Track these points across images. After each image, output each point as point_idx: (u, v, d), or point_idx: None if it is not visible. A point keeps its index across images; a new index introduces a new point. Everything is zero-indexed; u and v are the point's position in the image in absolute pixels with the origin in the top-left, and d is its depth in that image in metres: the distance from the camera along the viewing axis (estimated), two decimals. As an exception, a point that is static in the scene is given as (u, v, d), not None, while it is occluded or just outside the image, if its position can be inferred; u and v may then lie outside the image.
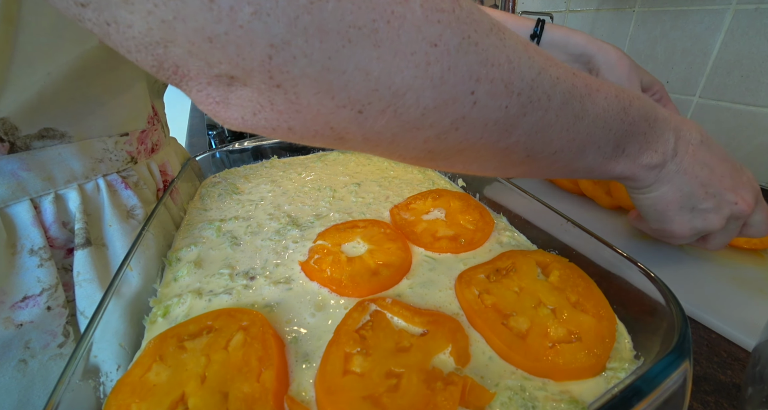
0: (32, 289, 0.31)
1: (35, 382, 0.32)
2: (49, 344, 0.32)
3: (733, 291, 0.40)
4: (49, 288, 0.32)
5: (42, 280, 0.31)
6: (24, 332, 0.31)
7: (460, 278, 0.33)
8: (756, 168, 0.62)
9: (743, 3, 0.59)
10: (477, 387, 0.23)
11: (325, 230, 0.41)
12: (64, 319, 0.33)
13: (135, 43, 0.15)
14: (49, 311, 0.32)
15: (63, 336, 0.33)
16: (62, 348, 0.33)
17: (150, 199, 0.42)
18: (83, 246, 0.33)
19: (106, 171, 0.37)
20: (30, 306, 0.31)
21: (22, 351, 0.31)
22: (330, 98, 0.17)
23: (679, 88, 0.70)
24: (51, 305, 0.32)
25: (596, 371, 0.25)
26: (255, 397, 0.22)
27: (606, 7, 0.78)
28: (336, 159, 0.64)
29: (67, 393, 0.21)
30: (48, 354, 0.32)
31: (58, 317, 0.32)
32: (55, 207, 0.33)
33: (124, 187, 0.38)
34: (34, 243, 0.31)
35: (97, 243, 0.35)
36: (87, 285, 0.33)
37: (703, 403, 0.30)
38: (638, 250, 0.48)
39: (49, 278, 0.32)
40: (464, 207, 0.44)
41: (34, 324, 0.31)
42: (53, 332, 0.32)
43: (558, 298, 0.29)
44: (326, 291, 0.33)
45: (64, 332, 0.33)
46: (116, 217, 0.37)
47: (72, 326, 0.34)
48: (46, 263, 0.32)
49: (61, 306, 0.32)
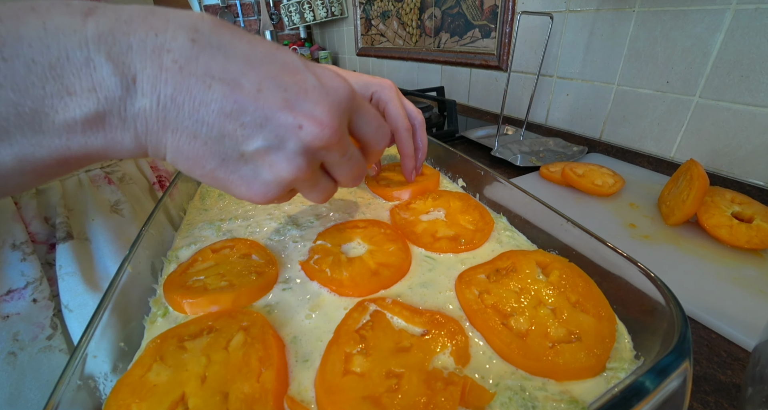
0: (17, 283, 0.31)
1: (26, 375, 0.32)
2: (37, 336, 0.32)
3: (733, 291, 0.40)
4: (34, 282, 0.32)
5: (26, 274, 0.32)
6: (11, 324, 0.31)
7: (460, 278, 0.33)
8: (756, 168, 0.62)
9: (743, 3, 0.59)
10: (477, 387, 0.23)
11: (325, 230, 0.41)
12: (51, 312, 0.33)
13: None
14: (35, 303, 0.32)
15: (51, 328, 0.33)
16: (51, 341, 0.33)
17: (138, 195, 0.42)
18: (64, 239, 0.34)
19: (89, 166, 0.37)
20: (15, 298, 0.31)
21: (11, 344, 0.31)
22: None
23: (679, 88, 0.70)
24: (37, 298, 0.32)
25: (596, 371, 0.25)
26: (255, 397, 0.22)
27: (606, 7, 0.78)
28: (336, 159, 0.64)
29: (67, 392, 0.21)
30: (37, 347, 0.32)
31: (44, 309, 0.33)
32: (35, 202, 0.33)
33: (107, 183, 0.38)
34: (15, 237, 0.31)
35: (79, 237, 0.35)
36: (69, 279, 0.33)
37: (703, 403, 0.30)
38: (638, 250, 0.48)
39: (32, 271, 0.32)
40: (464, 208, 0.44)
41: (20, 316, 0.31)
42: (41, 324, 0.32)
43: (558, 298, 0.29)
44: (326, 291, 0.33)
45: (52, 324, 0.33)
46: (99, 212, 0.37)
47: (59, 319, 0.34)
48: (29, 257, 0.32)
49: (47, 298, 0.33)
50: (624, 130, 0.82)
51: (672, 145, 0.74)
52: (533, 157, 0.81)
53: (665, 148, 0.76)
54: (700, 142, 0.69)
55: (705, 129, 0.67)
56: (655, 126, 0.76)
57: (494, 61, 1.11)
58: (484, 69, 1.16)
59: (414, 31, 1.43)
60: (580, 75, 0.88)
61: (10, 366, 0.31)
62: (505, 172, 0.79)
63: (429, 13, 1.31)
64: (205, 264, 0.35)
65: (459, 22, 1.19)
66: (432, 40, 1.34)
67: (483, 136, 0.98)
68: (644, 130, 0.78)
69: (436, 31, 1.31)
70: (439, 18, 1.27)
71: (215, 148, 0.21)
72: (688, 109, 0.69)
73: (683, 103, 0.70)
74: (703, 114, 0.67)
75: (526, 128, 0.96)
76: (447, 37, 1.27)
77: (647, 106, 0.76)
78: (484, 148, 0.90)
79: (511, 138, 0.96)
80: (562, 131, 0.96)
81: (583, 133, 0.91)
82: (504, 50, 1.06)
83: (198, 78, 0.19)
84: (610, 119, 0.85)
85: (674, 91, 0.71)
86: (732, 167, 0.65)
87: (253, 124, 0.21)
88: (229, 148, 0.21)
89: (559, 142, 0.89)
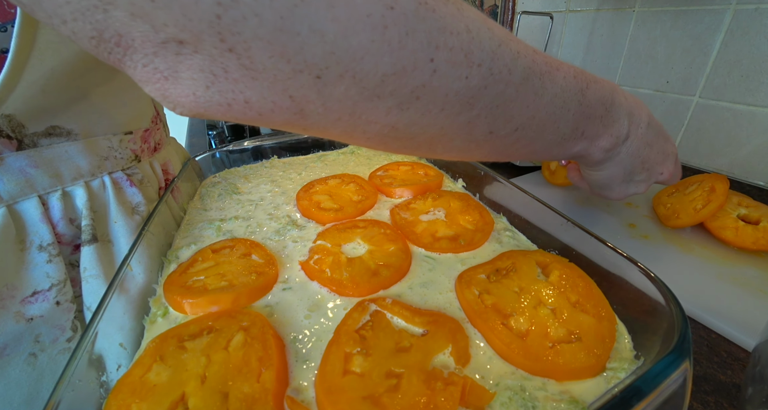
0: (41, 284, 0.32)
1: (45, 376, 0.32)
2: (58, 338, 0.33)
3: (733, 291, 0.40)
4: (58, 284, 0.32)
5: (51, 276, 0.32)
6: (34, 326, 0.31)
7: (460, 278, 0.33)
8: (756, 168, 0.62)
9: (743, 3, 0.59)
10: (477, 387, 0.23)
11: (325, 230, 0.41)
12: (72, 314, 0.33)
13: (71, 10, 0.14)
14: (58, 306, 0.32)
15: (71, 330, 0.33)
16: (71, 343, 0.33)
17: (153, 197, 0.43)
18: (89, 242, 0.34)
19: (112, 168, 0.37)
20: (39, 301, 0.31)
21: (32, 345, 0.31)
22: (286, 62, 0.16)
23: (679, 88, 0.70)
24: (60, 300, 0.32)
25: (596, 371, 0.25)
26: (255, 397, 0.22)
27: (606, 7, 0.78)
28: (336, 159, 0.64)
29: (67, 392, 0.21)
30: (57, 348, 0.33)
31: (66, 312, 0.33)
32: (62, 204, 0.33)
33: (129, 185, 0.39)
34: (42, 239, 0.32)
35: (102, 240, 0.36)
36: (93, 281, 0.34)
37: (703, 403, 0.30)
38: (638, 250, 0.48)
39: (57, 273, 0.32)
40: (464, 208, 0.44)
41: (43, 318, 0.31)
42: (62, 326, 0.33)
43: (558, 298, 0.29)
44: (326, 291, 0.33)
45: (72, 326, 0.33)
46: (121, 214, 0.37)
47: (79, 321, 0.34)
48: (54, 259, 0.32)
49: (69, 301, 0.33)
50: (624, 130, 0.82)
51: (672, 145, 0.74)
52: (533, 157, 0.81)
53: (665, 148, 0.75)
54: (700, 142, 0.69)
55: (705, 129, 0.67)
56: (655, 126, 0.76)
57: (494, 61, 1.11)
58: (484, 69, 1.16)
59: (414, 31, 1.43)
60: (580, 75, 0.88)
61: (30, 367, 0.31)
62: (505, 172, 0.79)
63: (429, 13, 1.31)
64: (205, 264, 0.35)
65: (459, 22, 1.19)
66: (432, 40, 1.34)
67: (483, 136, 0.97)
68: (644, 130, 0.78)
69: (436, 31, 1.31)
70: (439, 18, 1.27)
71: (627, 174, 0.37)
72: (688, 109, 0.69)
73: (683, 103, 0.70)
74: (703, 114, 0.67)
75: (526, 128, 0.96)
76: (447, 37, 1.26)
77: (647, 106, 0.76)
78: (484, 148, 0.90)
79: (511, 138, 0.96)
80: (562, 131, 0.96)
81: (583, 133, 0.91)
82: (504, 50, 1.06)
83: (644, 143, 0.35)
84: (610, 119, 0.84)
85: (674, 91, 0.71)
86: (732, 167, 0.65)
87: (645, 168, 0.37)
88: (630, 175, 0.38)
89: (559, 142, 0.89)
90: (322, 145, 0.67)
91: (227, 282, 0.32)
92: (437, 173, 0.54)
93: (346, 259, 0.35)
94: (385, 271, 0.33)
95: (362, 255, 0.36)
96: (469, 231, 0.39)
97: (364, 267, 0.34)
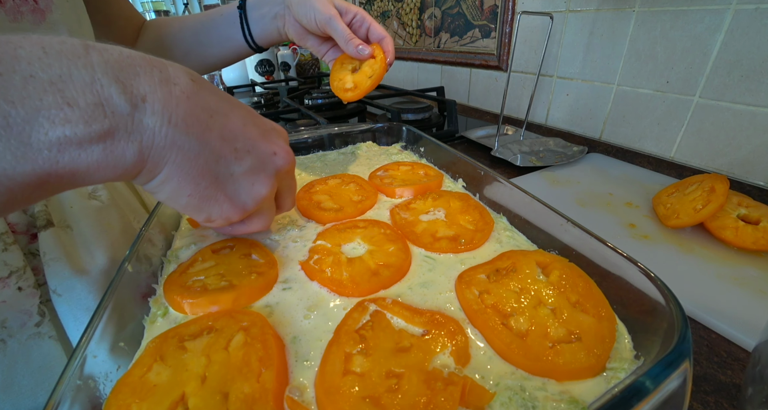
0: (0, 272, 0.32)
1: (17, 361, 0.33)
2: (26, 323, 0.33)
3: (733, 291, 0.40)
4: (17, 271, 0.33)
5: (9, 263, 0.32)
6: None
7: (460, 278, 0.33)
8: (756, 168, 0.62)
9: (743, 3, 0.59)
10: (477, 387, 0.23)
11: (325, 230, 0.41)
12: (38, 300, 0.34)
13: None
14: (20, 291, 0.33)
15: (39, 315, 0.34)
16: (40, 327, 0.34)
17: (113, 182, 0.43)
18: (45, 227, 0.34)
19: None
20: (0, 287, 0.32)
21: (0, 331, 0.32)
22: None
23: (679, 88, 0.70)
24: (21, 286, 0.33)
25: (596, 371, 0.25)
26: (255, 397, 0.22)
27: (606, 7, 0.78)
28: (336, 159, 0.64)
29: (67, 392, 0.21)
30: (26, 333, 0.33)
31: (30, 297, 0.33)
32: None
33: None
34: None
35: (60, 225, 0.36)
36: (54, 264, 0.34)
37: (703, 403, 0.30)
38: (638, 250, 0.48)
39: (15, 261, 0.33)
40: (464, 208, 0.44)
41: (7, 303, 0.32)
42: (28, 311, 0.33)
43: (558, 298, 0.29)
44: (326, 291, 0.33)
45: (39, 312, 0.34)
46: (77, 199, 0.37)
47: (46, 306, 0.35)
48: (11, 247, 0.33)
49: (32, 286, 0.34)
50: (624, 130, 0.82)
51: (672, 145, 0.74)
52: (533, 157, 0.81)
53: (665, 148, 0.76)
54: (700, 142, 0.69)
55: (705, 129, 0.67)
56: (655, 126, 0.76)
57: (494, 61, 1.11)
58: (484, 69, 1.16)
59: (414, 31, 1.43)
60: (580, 75, 0.88)
61: (1, 353, 0.32)
62: (505, 172, 0.79)
63: (429, 13, 1.31)
64: (205, 264, 0.35)
65: (459, 22, 1.19)
66: (432, 40, 1.34)
67: (483, 136, 0.98)
68: (644, 130, 0.78)
69: (436, 31, 1.31)
70: (439, 18, 1.27)
71: (212, 167, 0.24)
72: (688, 109, 0.69)
73: (683, 103, 0.70)
74: (703, 114, 0.67)
75: (526, 128, 0.96)
76: (447, 37, 1.27)
77: (647, 106, 0.76)
78: (484, 148, 0.90)
79: (511, 138, 0.96)
80: (562, 131, 0.96)
81: (583, 133, 0.92)
82: (504, 50, 1.06)
83: (202, 108, 0.23)
84: (610, 119, 0.85)
85: (674, 91, 0.71)
86: (732, 167, 0.65)
87: (243, 150, 0.26)
88: (223, 168, 0.25)
89: (559, 142, 0.89)
90: (322, 145, 0.67)
91: (227, 282, 0.32)
92: (437, 173, 0.54)
93: (346, 259, 0.35)
94: (385, 271, 0.33)
95: (362, 255, 0.36)
96: (469, 231, 0.39)
97: (364, 267, 0.34)
